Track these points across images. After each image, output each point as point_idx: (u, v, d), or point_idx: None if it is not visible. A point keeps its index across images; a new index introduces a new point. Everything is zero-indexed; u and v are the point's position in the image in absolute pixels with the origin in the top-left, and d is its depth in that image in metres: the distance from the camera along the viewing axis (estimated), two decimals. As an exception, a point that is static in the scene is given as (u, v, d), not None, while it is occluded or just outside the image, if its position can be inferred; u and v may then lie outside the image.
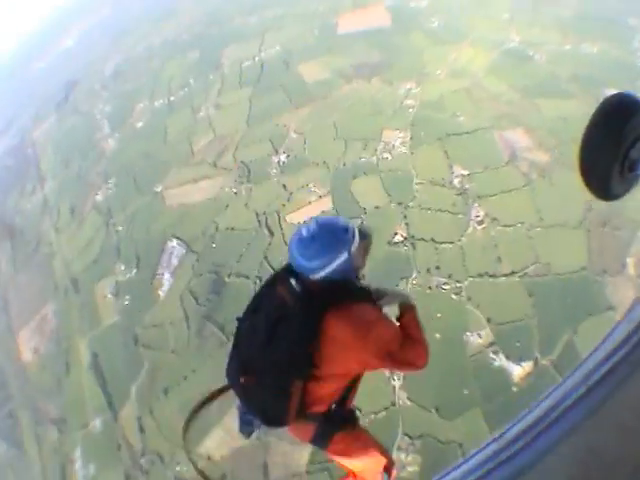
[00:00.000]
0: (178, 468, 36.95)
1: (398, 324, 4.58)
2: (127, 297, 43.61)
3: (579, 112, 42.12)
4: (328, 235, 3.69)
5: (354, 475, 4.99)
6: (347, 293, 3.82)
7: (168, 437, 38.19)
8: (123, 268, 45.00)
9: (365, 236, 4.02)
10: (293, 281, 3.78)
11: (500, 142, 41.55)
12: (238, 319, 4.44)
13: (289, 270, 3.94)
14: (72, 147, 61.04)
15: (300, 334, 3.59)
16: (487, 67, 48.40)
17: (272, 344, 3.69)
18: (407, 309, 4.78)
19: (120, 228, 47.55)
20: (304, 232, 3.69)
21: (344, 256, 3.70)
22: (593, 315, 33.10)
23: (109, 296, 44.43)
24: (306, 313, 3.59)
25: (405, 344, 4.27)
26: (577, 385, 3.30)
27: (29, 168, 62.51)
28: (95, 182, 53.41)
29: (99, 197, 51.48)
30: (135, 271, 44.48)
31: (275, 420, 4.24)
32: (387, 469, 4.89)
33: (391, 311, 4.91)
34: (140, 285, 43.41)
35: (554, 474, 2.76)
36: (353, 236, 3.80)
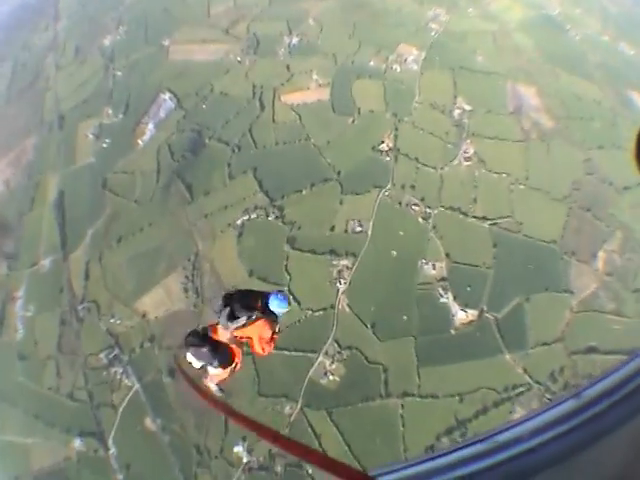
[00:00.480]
0: (112, 320, 36.90)
1: None
2: (107, 140, 43.15)
3: (596, 97, 41.59)
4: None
5: (247, 338, 7.44)
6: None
7: (110, 288, 37.96)
8: (111, 112, 44.37)
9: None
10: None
11: (510, 92, 40.92)
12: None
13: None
14: (94, -9, 59.40)
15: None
16: (520, 21, 47.39)
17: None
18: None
19: (119, 73, 46.76)
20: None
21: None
22: (550, 291, 33.60)
23: (90, 136, 43.95)
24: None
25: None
26: None
27: (49, 7, 60.97)
28: (107, 26, 52.29)
29: (106, 41, 50.43)
30: (121, 117, 43.90)
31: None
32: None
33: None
34: (122, 131, 42.84)
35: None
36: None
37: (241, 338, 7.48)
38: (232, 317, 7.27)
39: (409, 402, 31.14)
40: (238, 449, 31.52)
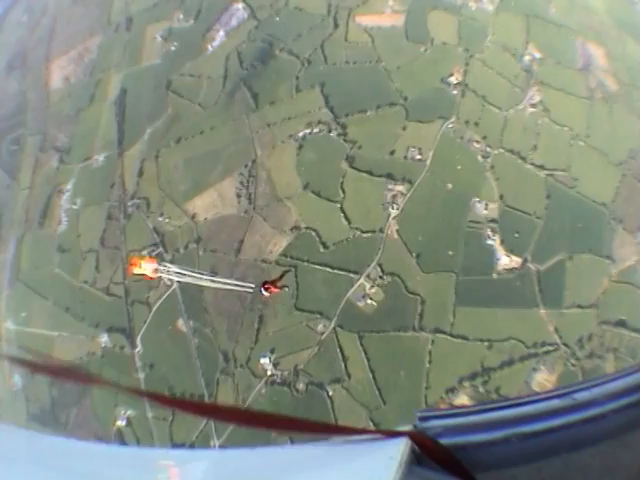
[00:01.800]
0: (160, 219, 37.72)
1: None
2: (175, 43, 43.42)
3: None
4: None
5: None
6: None
7: (163, 186, 38.68)
8: (182, 17, 44.42)
9: None
10: None
11: (580, 49, 40.33)
12: None
13: None
14: None
15: None
16: (595, -15, 45.74)
17: None
18: None
19: (194, -21, 46.06)
20: None
21: None
22: (592, 254, 33.71)
23: (158, 38, 44.21)
24: None
25: None
26: None
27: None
28: None
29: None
30: (192, 22, 44.03)
31: None
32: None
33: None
34: (192, 35, 43.06)
35: None
36: None
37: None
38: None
39: (440, 339, 31.88)
40: (265, 361, 32.54)
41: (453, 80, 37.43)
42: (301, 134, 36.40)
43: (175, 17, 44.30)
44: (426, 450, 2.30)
